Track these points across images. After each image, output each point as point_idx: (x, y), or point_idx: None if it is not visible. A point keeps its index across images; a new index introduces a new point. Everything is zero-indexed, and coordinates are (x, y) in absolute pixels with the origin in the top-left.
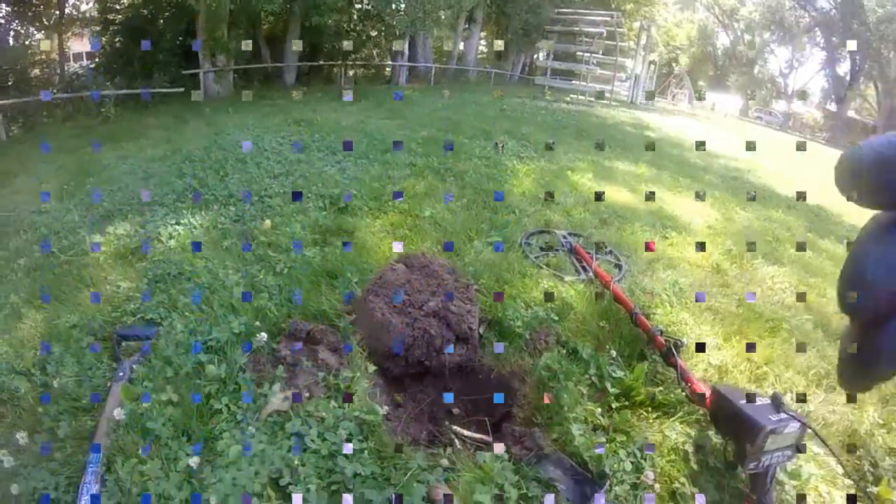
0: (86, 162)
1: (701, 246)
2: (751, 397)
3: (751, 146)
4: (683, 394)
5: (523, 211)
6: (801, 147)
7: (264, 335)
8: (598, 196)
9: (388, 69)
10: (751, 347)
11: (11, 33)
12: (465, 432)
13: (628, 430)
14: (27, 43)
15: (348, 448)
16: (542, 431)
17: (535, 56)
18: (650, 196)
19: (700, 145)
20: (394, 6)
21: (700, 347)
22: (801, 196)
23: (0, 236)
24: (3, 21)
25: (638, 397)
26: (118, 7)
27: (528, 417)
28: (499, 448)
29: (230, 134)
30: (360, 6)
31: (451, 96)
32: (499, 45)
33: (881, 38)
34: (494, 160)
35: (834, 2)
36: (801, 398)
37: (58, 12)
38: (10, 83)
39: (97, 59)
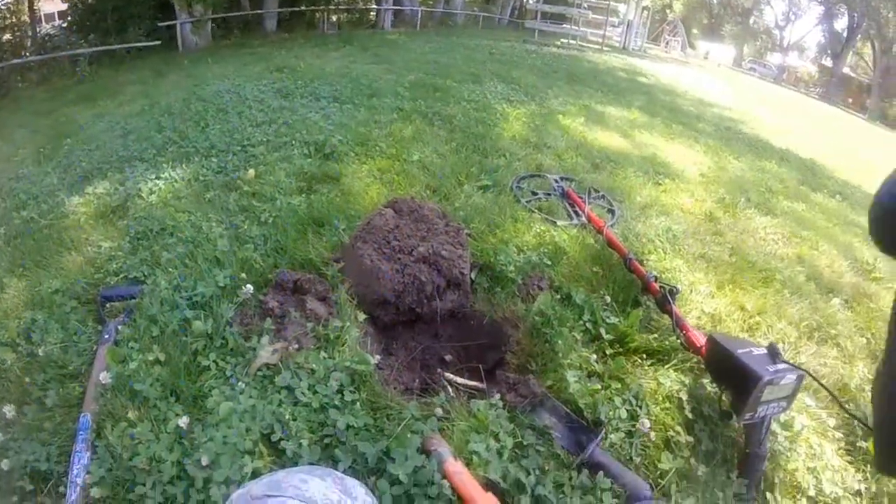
0: (62, 123)
1: None
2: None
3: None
4: (679, 341)
5: (514, 154)
6: None
7: (250, 287)
8: None
9: (372, 13)
10: None
11: None
12: (459, 379)
13: (623, 377)
14: None
15: None
16: (536, 378)
17: None
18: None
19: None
20: None
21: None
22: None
23: None
24: None
25: (632, 344)
26: None
27: (521, 364)
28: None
29: (210, 85)
30: None
31: (438, 40)
32: None
33: None
34: (483, 104)
35: None
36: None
37: None
38: None
39: (69, 18)
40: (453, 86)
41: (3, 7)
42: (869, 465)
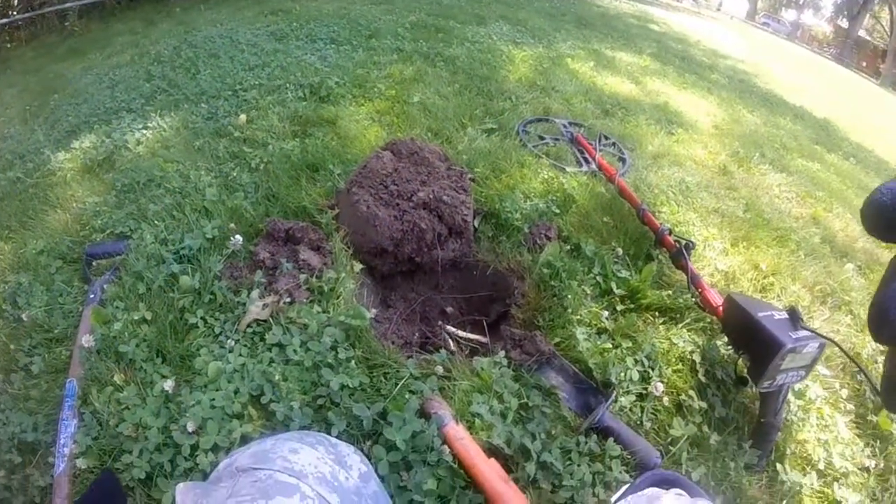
0: (50, 80)
1: None
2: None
3: None
4: (693, 300)
5: (520, 98)
6: None
7: (239, 238)
8: None
9: None
10: None
11: None
12: (460, 333)
13: (634, 336)
14: None
15: None
16: (543, 335)
17: None
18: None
19: None
20: None
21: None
22: None
23: None
24: None
25: (644, 300)
26: None
27: (527, 319)
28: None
29: (201, 31)
30: None
31: None
32: None
33: None
34: (488, 45)
35: None
36: None
37: None
38: None
39: None
40: (456, 27)
41: None
42: (878, 441)
